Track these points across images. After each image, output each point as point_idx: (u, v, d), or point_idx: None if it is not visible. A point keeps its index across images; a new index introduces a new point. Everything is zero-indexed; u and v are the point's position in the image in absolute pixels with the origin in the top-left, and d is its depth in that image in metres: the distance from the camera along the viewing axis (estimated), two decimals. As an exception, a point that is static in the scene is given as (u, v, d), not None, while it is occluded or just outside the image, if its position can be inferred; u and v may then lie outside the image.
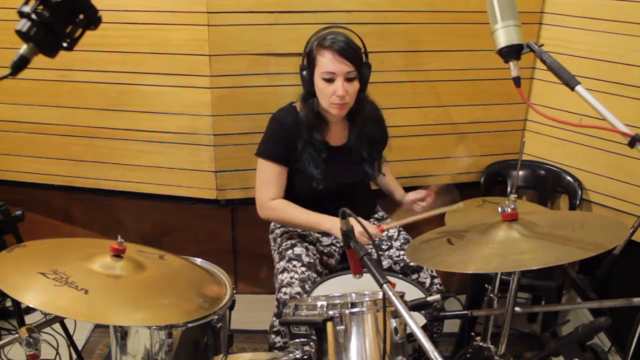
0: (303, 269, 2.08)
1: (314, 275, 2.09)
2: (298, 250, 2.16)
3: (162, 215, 3.00)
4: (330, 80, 2.01)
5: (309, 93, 2.10)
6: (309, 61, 2.06)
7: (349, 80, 2.02)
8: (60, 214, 3.06)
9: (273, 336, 2.11)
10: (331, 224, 2.05)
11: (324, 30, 2.09)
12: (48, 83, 2.57)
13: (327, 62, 2.00)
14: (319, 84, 2.04)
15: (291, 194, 2.20)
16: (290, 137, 2.14)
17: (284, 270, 2.09)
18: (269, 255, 2.36)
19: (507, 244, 1.42)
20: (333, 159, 2.18)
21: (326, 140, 2.17)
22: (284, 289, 2.03)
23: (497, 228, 1.48)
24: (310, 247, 2.21)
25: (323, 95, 2.05)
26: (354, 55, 2.02)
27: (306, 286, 2.03)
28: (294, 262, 2.11)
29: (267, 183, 2.17)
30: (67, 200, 3.00)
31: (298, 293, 2.00)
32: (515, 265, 1.37)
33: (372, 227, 2.06)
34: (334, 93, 2.01)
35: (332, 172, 2.17)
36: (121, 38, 2.45)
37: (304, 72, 2.07)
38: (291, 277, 2.05)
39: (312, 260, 2.13)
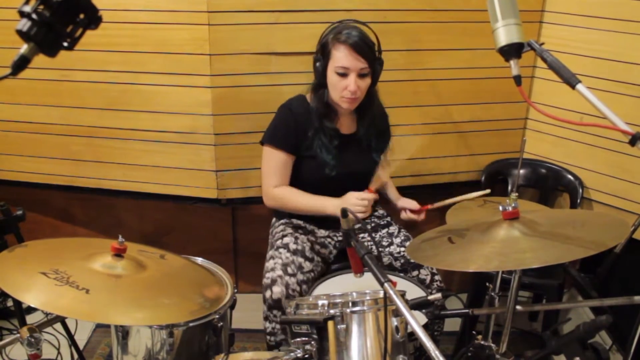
0: (288, 254, 2.11)
1: (300, 259, 2.11)
2: (287, 239, 2.19)
3: (163, 215, 3.00)
4: (343, 75, 2.04)
5: (320, 84, 2.13)
6: (323, 53, 2.08)
7: (361, 76, 2.05)
8: (61, 213, 3.06)
9: (264, 322, 2.12)
10: (335, 208, 2.06)
11: (340, 23, 2.11)
12: (48, 83, 2.57)
13: (342, 56, 2.02)
14: (332, 77, 2.07)
15: (301, 182, 2.22)
16: (301, 126, 2.16)
17: (270, 257, 2.13)
18: (269, 254, 2.37)
19: (508, 242, 1.42)
20: (344, 146, 2.21)
21: (337, 127, 2.20)
22: (267, 274, 2.06)
23: (498, 227, 1.48)
24: (301, 236, 2.22)
25: (335, 89, 2.08)
26: (369, 52, 2.05)
27: (288, 269, 2.05)
28: (280, 250, 2.14)
29: (273, 171, 2.19)
30: (67, 200, 3.00)
31: (279, 276, 2.03)
32: (517, 264, 1.37)
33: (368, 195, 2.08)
34: (346, 88, 2.05)
35: (343, 159, 2.19)
36: (122, 37, 2.45)
37: (318, 63, 2.10)
38: (275, 263, 2.08)
39: (299, 247, 2.15)
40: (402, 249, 2.25)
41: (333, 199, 2.12)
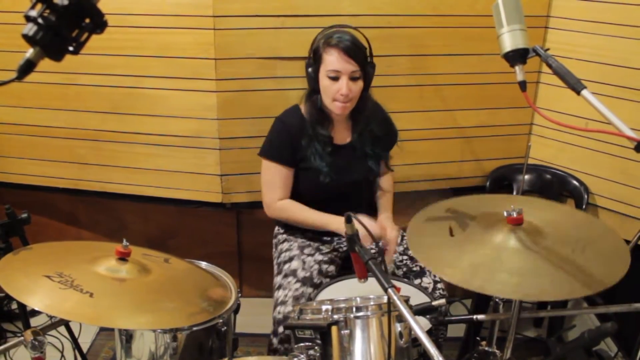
0: (297, 285, 2.08)
1: (309, 290, 2.07)
2: (295, 264, 2.16)
3: (167, 219, 3.00)
4: (335, 79, 2.04)
5: (314, 90, 2.13)
6: (315, 59, 2.09)
7: (353, 79, 2.05)
8: (65, 216, 3.06)
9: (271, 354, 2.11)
10: (338, 224, 2.05)
11: (331, 28, 2.12)
12: (53, 86, 2.58)
13: (333, 60, 2.02)
14: (324, 82, 2.06)
15: (297, 192, 2.21)
16: (295, 138, 2.15)
17: (280, 286, 2.11)
18: (273, 259, 2.37)
19: (501, 254, 1.38)
20: (338, 154, 2.20)
21: (331, 135, 2.19)
22: (278, 308, 2.04)
23: (499, 230, 1.43)
24: (308, 258, 2.19)
25: (327, 93, 2.08)
26: (360, 55, 2.04)
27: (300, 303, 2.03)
28: (290, 278, 2.11)
29: (273, 184, 2.18)
30: (72, 203, 3.01)
31: (291, 312, 1.99)
32: (496, 289, 1.32)
33: (376, 227, 2.05)
34: (338, 91, 2.04)
35: (338, 166, 2.18)
36: (127, 41, 2.46)
37: (310, 69, 2.10)
38: (285, 295, 2.05)
39: (307, 275, 2.12)
40: (405, 257, 2.23)
41: (336, 218, 2.09)
